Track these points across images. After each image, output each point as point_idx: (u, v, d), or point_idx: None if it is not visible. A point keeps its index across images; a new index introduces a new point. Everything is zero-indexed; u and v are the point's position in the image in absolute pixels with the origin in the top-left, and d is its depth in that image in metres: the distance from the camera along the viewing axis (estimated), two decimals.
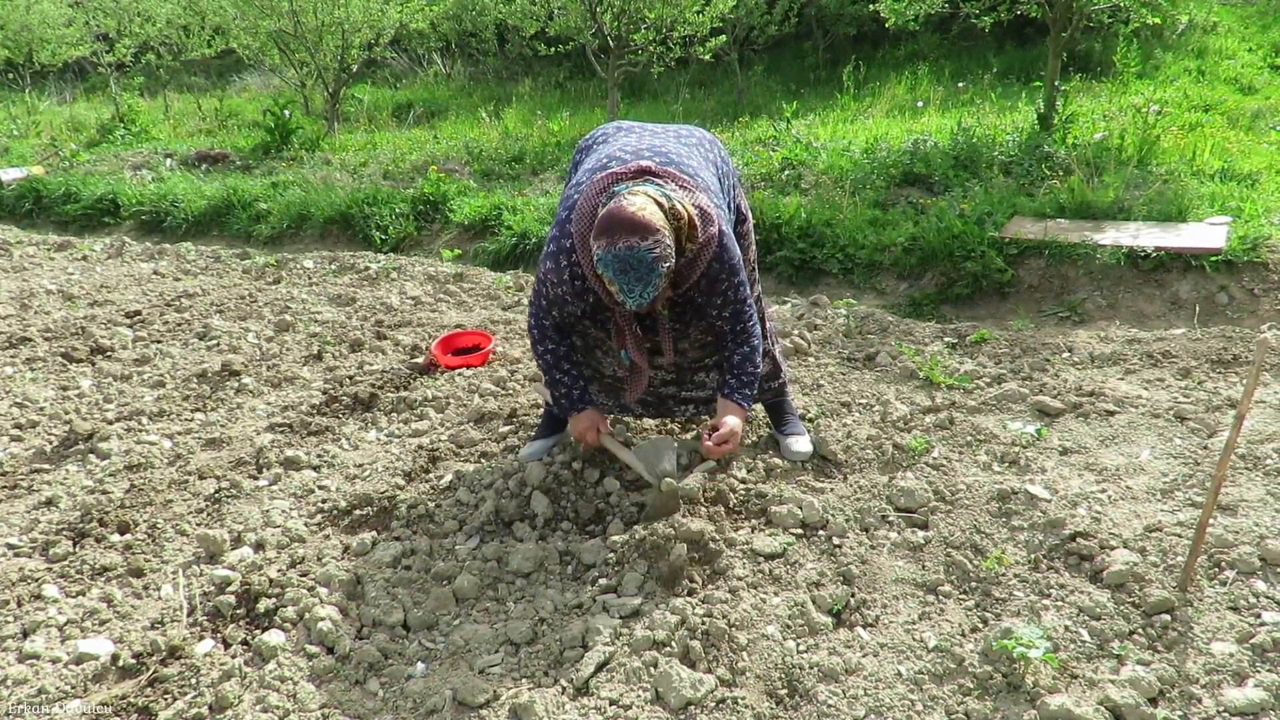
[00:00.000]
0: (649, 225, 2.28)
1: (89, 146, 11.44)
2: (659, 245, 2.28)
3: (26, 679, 2.32)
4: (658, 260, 2.28)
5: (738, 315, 2.70)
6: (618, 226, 2.27)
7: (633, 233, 2.27)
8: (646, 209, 2.31)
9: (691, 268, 2.51)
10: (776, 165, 7.14)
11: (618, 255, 2.27)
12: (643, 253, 2.26)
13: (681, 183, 2.51)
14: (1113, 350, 3.80)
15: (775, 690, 2.15)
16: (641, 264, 2.27)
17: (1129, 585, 2.35)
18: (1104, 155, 5.97)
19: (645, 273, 2.29)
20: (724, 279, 2.59)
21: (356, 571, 2.63)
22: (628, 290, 2.32)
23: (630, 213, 2.28)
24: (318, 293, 5.50)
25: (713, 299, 2.63)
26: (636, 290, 2.32)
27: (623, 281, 2.30)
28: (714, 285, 2.60)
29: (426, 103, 12.77)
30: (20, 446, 3.61)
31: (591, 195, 2.47)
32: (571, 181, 2.78)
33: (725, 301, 2.64)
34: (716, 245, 2.51)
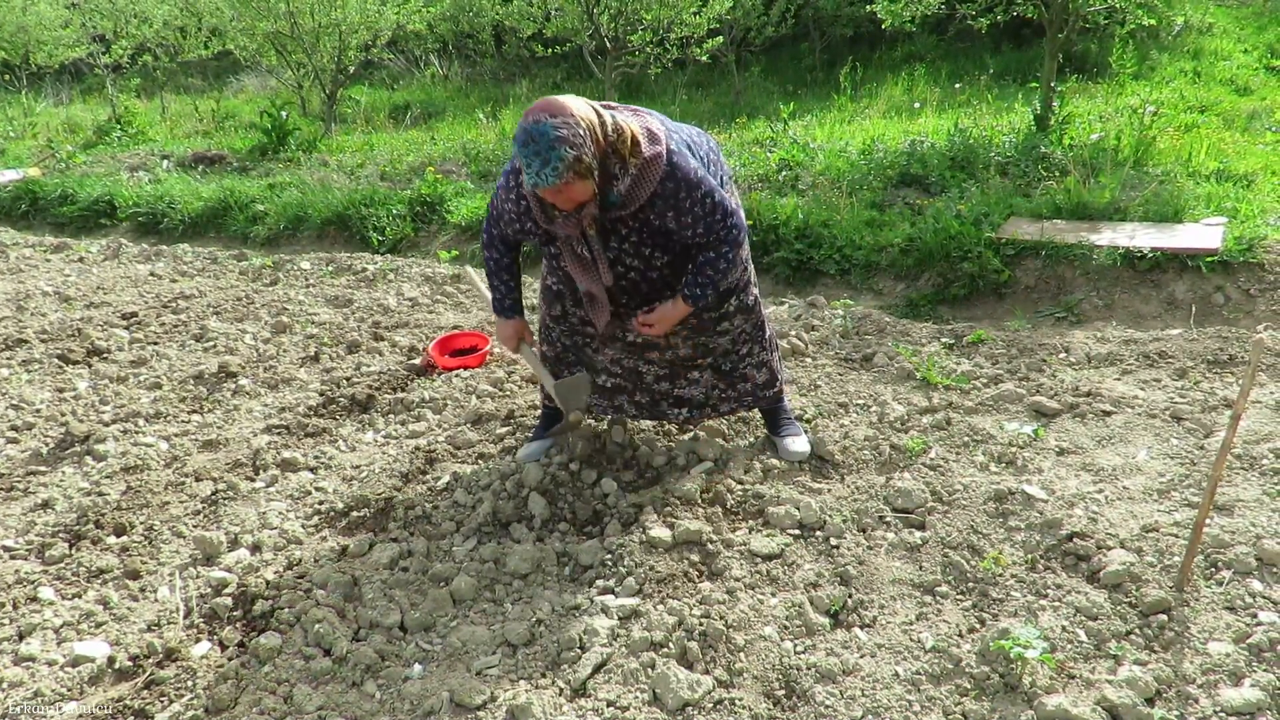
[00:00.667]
0: (563, 107, 2.31)
1: (85, 148, 11.42)
2: (567, 127, 2.28)
3: (23, 681, 2.32)
4: (561, 141, 2.26)
5: (711, 228, 2.62)
6: (534, 109, 2.32)
7: (544, 110, 2.30)
8: (573, 103, 2.34)
9: (639, 186, 2.48)
10: (774, 166, 7.14)
11: (524, 129, 2.28)
12: (546, 127, 2.26)
13: (634, 110, 2.55)
14: (1109, 351, 3.81)
15: (773, 691, 2.15)
16: (544, 138, 2.26)
17: (1126, 585, 2.35)
18: (1100, 156, 5.98)
19: (546, 149, 2.26)
20: (684, 195, 2.53)
21: (353, 573, 2.63)
22: (528, 166, 2.30)
23: (552, 98, 2.33)
24: (315, 294, 5.50)
25: (681, 219, 2.57)
26: (535, 165, 2.28)
27: (524, 156, 2.29)
28: (677, 205, 2.54)
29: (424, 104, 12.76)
30: (16, 449, 3.60)
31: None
32: None
33: (695, 218, 2.58)
34: (665, 164, 2.48)
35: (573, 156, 2.30)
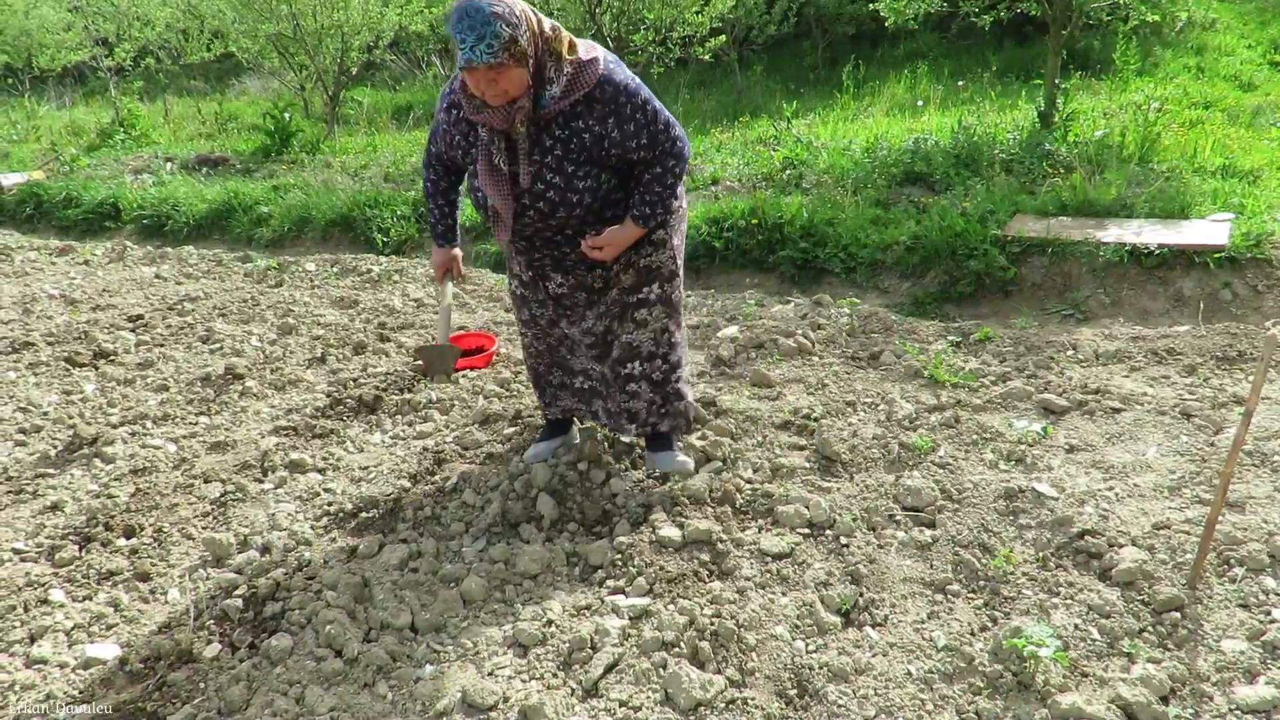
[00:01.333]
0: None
1: (89, 151, 11.43)
2: (504, 6, 2.27)
3: (34, 684, 2.32)
4: (497, 17, 2.25)
5: (655, 139, 2.57)
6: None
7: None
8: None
9: (573, 86, 2.44)
10: (777, 165, 7.13)
11: (459, 6, 2.26)
12: (483, 3, 2.25)
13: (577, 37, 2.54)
14: (1117, 348, 3.80)
15: (785, 690, 2.15)
16: (479, 13, 2.24)
17: (1138, 583, 2.35)
18: (1105, 153, 5.97)
19: (480, 24, 2.24)
20: (624, 100, 2.49)
21: (363, 574, 2.63)
22: (461, 42, 2.26)
23: None
24: (320, 295, 5.50)
25: (623, 126, 2.51)
26: (469, 40, 2.25)
27: (458, 31, 2.26)
28: (618, 111, 2.49)
29: (426, 105, 12.75)
30: (25, 451, 3.61)
31: None
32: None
33: (638, 126, 2.53)
34: (602, 68, 2.46)
35: (508, 35, 2.27)
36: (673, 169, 2.63)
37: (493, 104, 2.42)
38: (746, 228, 5.49)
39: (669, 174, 2.63)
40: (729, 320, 4.55)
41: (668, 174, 2.63)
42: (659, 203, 2.66)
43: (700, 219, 5.77)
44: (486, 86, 2.35)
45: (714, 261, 5.56)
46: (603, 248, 2.67)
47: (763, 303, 4.83)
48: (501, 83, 2.33)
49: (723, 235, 5.54)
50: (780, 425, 3.37)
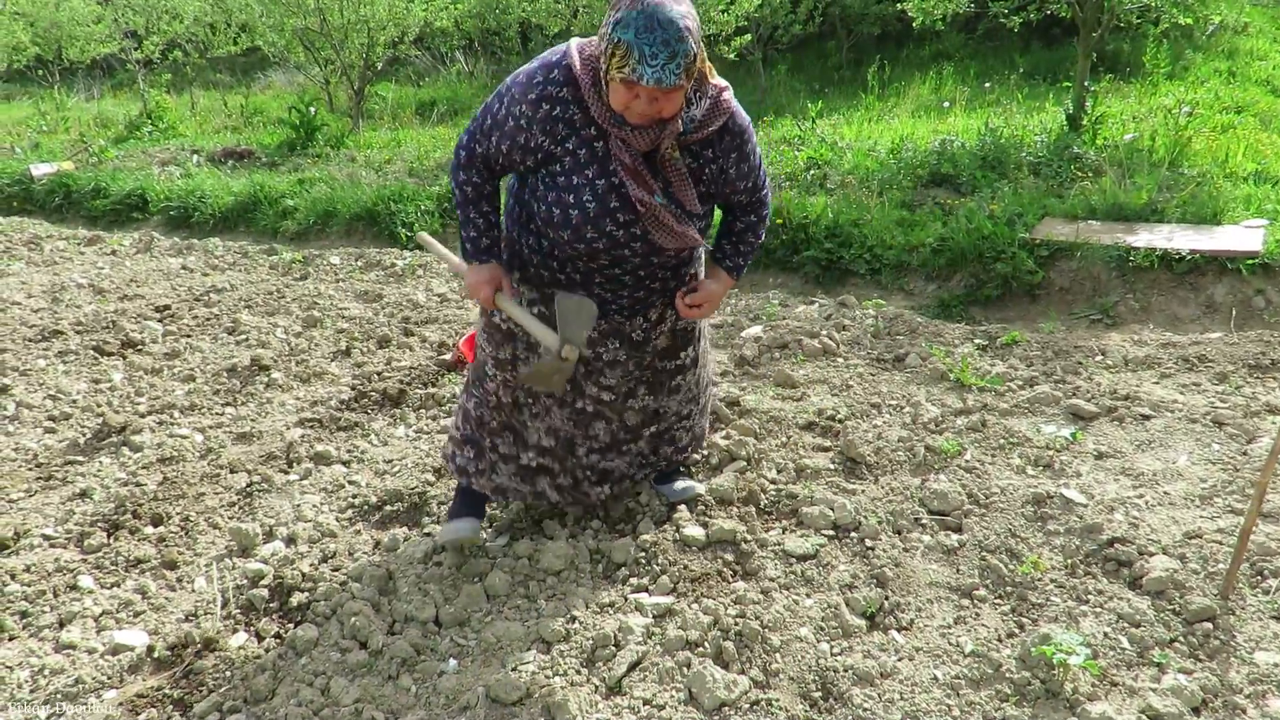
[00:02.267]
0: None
1: (117, 142, 11.54)
2: (690, 15, 1.99)
3: (64, 669, 2.34)
4: (688, 29, 1.96)
5: (755, 186, 2.42)
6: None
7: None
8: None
9: (712, 116, 2.21)
10: (801, 165, 7.10)
11: (645, 11, 1.93)
12: (673, 12, 1.94)
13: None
14: (1147, 354, 3.76)
15: (809, 693, 2.13)
16: (672, 25, 1.93)
17: (1169, 592, 2.32)
18: (1135, 157, 5.91)
19: (673, 36, 1.93)
20: (748, 140, 2.31)
21: (388, 567, 2.64)
22: (650, 55, 1.93)
23: None
24: (345, 289, 5.53)
25: (741, 165, 2.32)
26: (661, 58, 1.93)
27: (644, 42, 1.93)
28: (741, 148, 2.30)
29: (450, 101, 12.80)
30: (54, 438, 3.65)
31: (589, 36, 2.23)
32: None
33: (751, 169, 2.36)
34: (733, 102, 2.26)
35: (694, 54, 1.99)
36: (765, 219, 2.53)
37: (639, 122, 2.10)
38: (770, 227, 5.47)
39: (761, 224, 2.52)
40: (752, 320, 4.53)
41: (761, 224, 2.52)
42: (751, 253, 2.54)
43: None
44: (648, 105, 2.04)
45: None
46: (701, 305, 2.45)
47: (786, 303, 4.81)
48: (665, 102, 2.05)
49: None
50: (804, 426, 3.36)
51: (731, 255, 2.52)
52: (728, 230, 2.52)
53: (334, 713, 2.11)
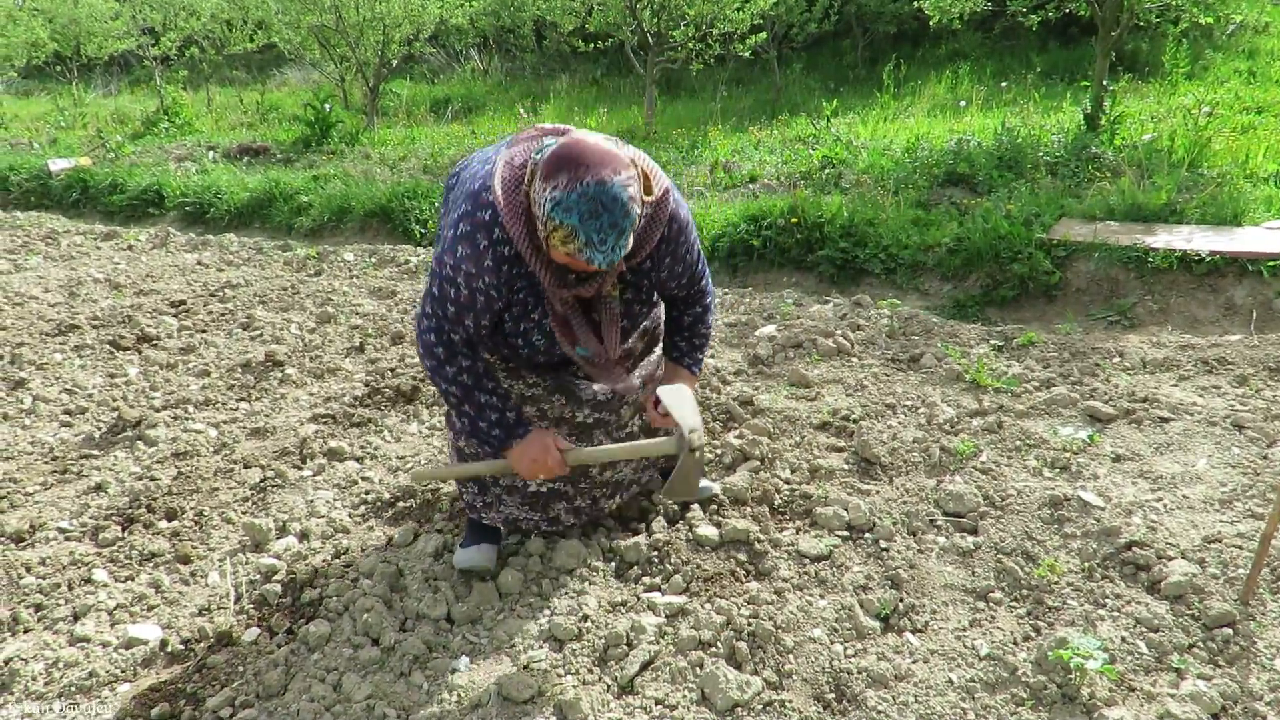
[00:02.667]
0: (619, 159, 1.86)
1: (134, 138, 11.62)
2: (632, 182, 1.86)
3: (78, 662, 2.35)
4: (632, 201, 1.85)
5: (694, 280, 2.37)
6: (582, 159, 1.82)
7: (602, 165, 1.82)
8: (610, 143, 1.91)
9: (650, 230, 2.11)
10: (816, 164, 7.08)
11: (585, 193, 1.80)
12: (617, 188, 1.81)
13: (613, 139, 2.06)
14: (1165, 356, 3.72)
15: (823, 694, 2.12)
16: (617, 204, 1.82)
17: (1188, 597, 2.29)
18: (1154, 157, 5.85)
19: (620, 216, 1.83)
20: (683, 239, 2.23)
21: (399, 564, 2.64)
22: (599, 240, 1.83)
23: (593, 143, 1.86)
24: (359, 285, 5.54)
25: (674, 268, 2.26)
26: (610, 239, 1.84)
27: (593, 229, 1.82)
28: (675, 251, 2.22)
29: (464, 98, 12.83)
30: (70, 432, 3.66)
31: (511, 156, 2.05)
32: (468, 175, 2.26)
33: (686, 266, 2.29)
34: (672, 200, 2.15)
35: (637, 216, 1.90)
36: (710, 306, 2.48)
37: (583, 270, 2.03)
38: (785, 226, 5.45)
39: (708, 312, 2.47)
40: (766, 319, 4.51)
41: (707, 312, 2.47)
42: (706, 344, 2.52)
43: (738, 217, 5.74)
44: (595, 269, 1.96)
45: (751, 260, 5.52)
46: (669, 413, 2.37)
47: (801, 302, 4.78)
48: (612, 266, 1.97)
49: (761, 233, 5.50)
50: (819, 426, 3.34)
51: (689, 352, 2.48)
52: (678, 326, 2.48)
53: (345, 709, 2.11)
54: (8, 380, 4.16)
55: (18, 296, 5.38)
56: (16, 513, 3.07)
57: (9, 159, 10.11)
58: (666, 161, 7.90)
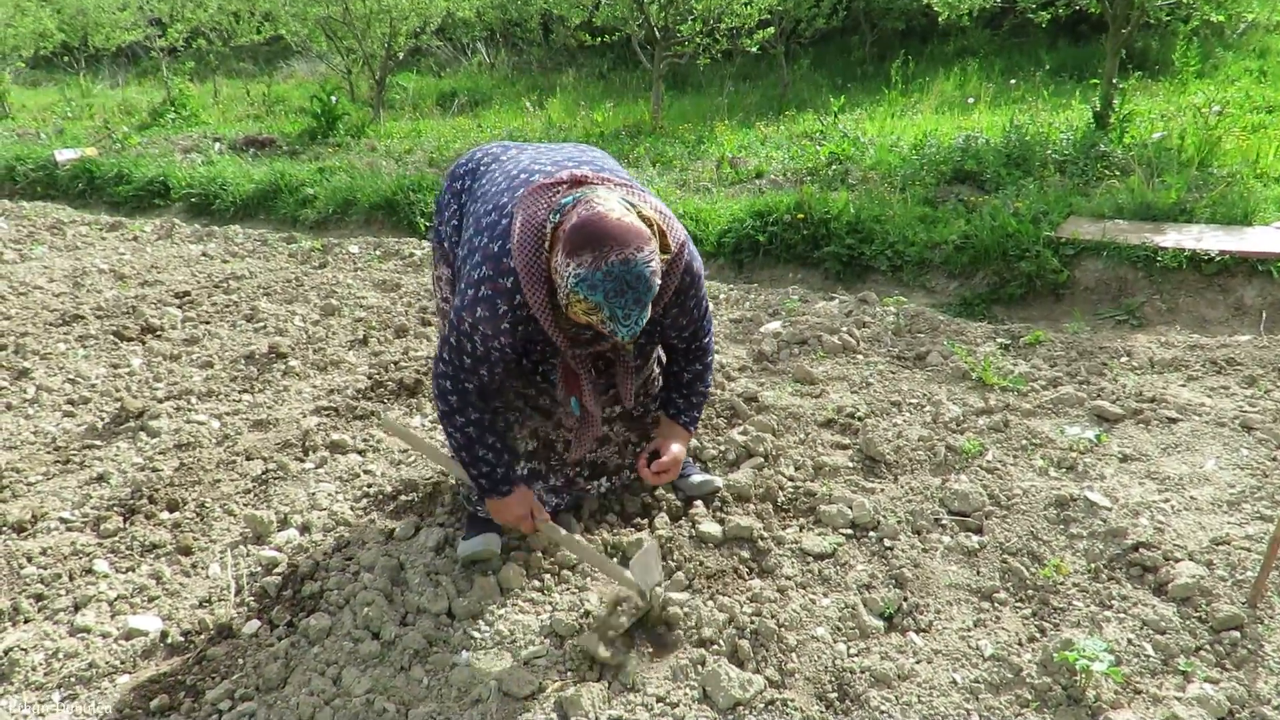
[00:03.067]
0: (642, 234, 1.90)
1: (140, 129, 11.61)
2: (653, 257, 1.91)
3: (78, 652, 2.34)
4: (654, 275, 1.91)
5: (697, 333, 2.42)
6: (605, 237, 1.86)
7: (626, 244, 1.86)
8: (630, 215, 1.93)
9: (666, 283, 2.13)
10: (823, 160, 7.05)
11: (612, 273, 1.85)
12: (641, 266, 1.87)
13: (629, 189, 2.12)
14: (1174, 356, 3.69)
15: (825, 694, 2.10)
16: (641, 281, 1.88)
17: (1195, 599, 2.27)
18: (1163, 156, 5.81)
19: (644, 292, 1.89)
20: (692, 294, 2.29)
21: (400, 557, 2.63)
22: (624, 316, 1.90)
23: (616, 219, 1.88)
24: (363, 278, 5.53)
25: (680, 320, 2.32)
26: (634, 315, 1.91)
27: (618, 305, 1.88)
28: (683, 303, 2.28)
29: (470, 92, 12.79)
30: (73, 422, 3.66)
31: (532, 213, 2.04)
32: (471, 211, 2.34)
33: (690, 320, 2.35)
34: (686, 254, 2.19)
35: (658, 285, 1.96)
36: (710, 366, 2.53)
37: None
38: (791, 222, 5.42)
39: (708, 371, 2.51)
40: (771, 315, 4.49)
41: (706, 371, 2.51)
42: (703, 403, 2.56)
43: (744, 212, 5.71)
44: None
45: (757, 255, 5.50)
46: (668, 469, 2.46)
47: (806, 299, 4.76)
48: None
49: (767, 229, 5.48)
50: (823, 423, 3.32)
51: (685, 410, 2.53)
52: (676, 382, 2.52)
53: (345, 703, 2.10)
54: (11, 370, 4.15)
55: (23, 286, 5.38)
56: (18, 502, 3.07)
57: (16, 149, 10.11)
58: (673, 157, 7.88)
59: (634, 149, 8.23)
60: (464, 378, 2.22)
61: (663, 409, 2.58)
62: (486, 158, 2.53)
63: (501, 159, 2.46)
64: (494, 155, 2.52)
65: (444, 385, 2.25)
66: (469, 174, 2.53)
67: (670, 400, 2.55)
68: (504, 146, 2.56)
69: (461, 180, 2.54)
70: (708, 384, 2.55)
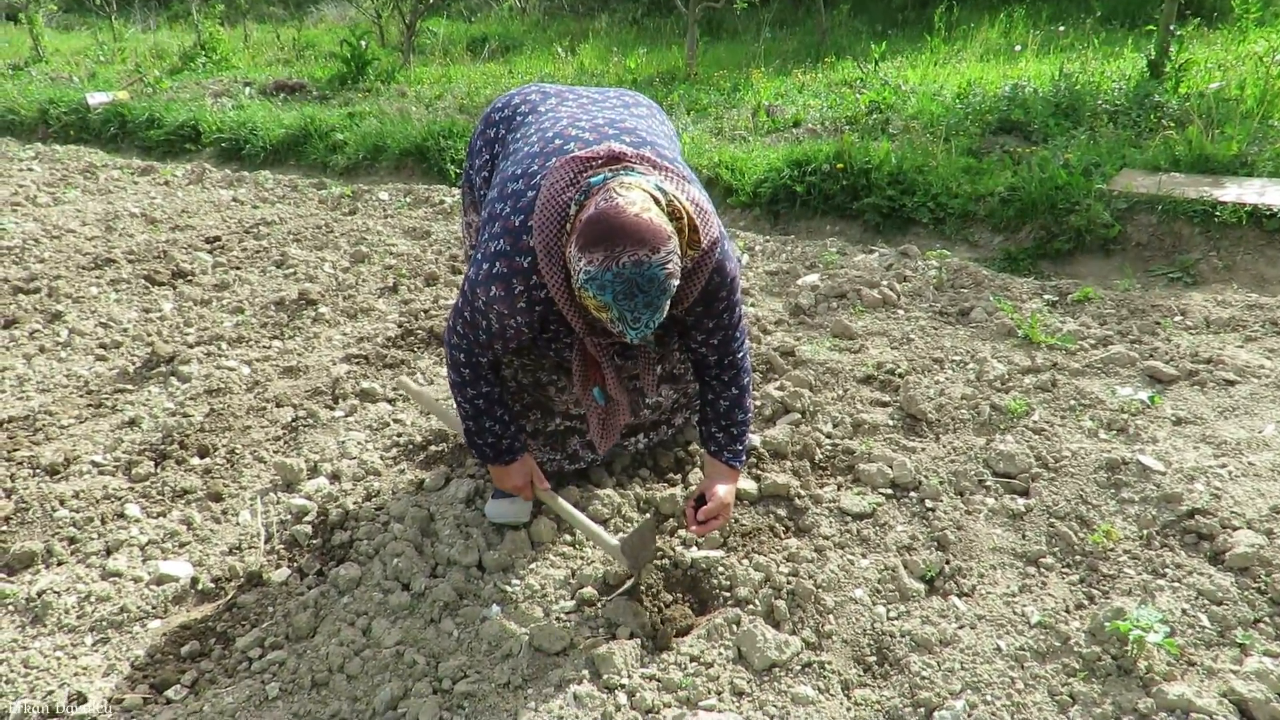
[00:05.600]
0: (660, 233, 1.75)
1: (171, 74, 11.55)
2: (670, 258, 1.76)
3: (109, 596, 2.34)
4: (670, 278, 1.77)
5: (727, 343, 2.23)
6: (620, 235, 1.72)
7: (640, 243, 1.72)
8: (650, 209, 1.77)
9: (691, 283, 1.98)
10: (863, 108, 6.83)
11: (622, 274, 1.72)
12: (655, 269, 1.73)
13: (668, 173, 1.96)
14: (1231, 315, 3.54)
15: (864, 657, 2.05)
16: (654, 284, 1.74)
17: (1254, 569, 2.17)
18: (1222, 107, 5.55)
19: (657, 295, 1.76)
20: (722, 296, 2.12)
21: (430, 508, 2.59)
22: (632, 319, 1.78)
23: (633, 215, 1.73)
24: (393, 225, 5.46)
25: (704, 320, 2.16)
26: (645, 318, 1.78)
27: (626, 308, 1.76)
28: (711, 306, 2.13)
29: (501, 37, 12.57)
30: (105, 366, 3.65)
31: (556, 190, 1.90)
32: (501, 169, 2.18)
33: (718, 325, 2.18)
34: (719, 253, 2.02)
35: (675, 287, 1.82)
36: (747, 387, 2.32)
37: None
38: (830, 172, 5.26)
39: (745, 395, 2.31)
40: (809, 268, 4.37)
41: (744, 395, 2.31)
42: (745, 433, 2.34)
43: (781, 161, 5.55)
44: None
45: (794, 206, 5.35)
46: (717, 517, 2.25)
47: (845, 251, 4.63)
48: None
49: (805, 179, 5.32)
50: (862, 379, 3.22)
51: (727, 444, 2.32)
52: (714, 412, 2.32)
53: (375, 654, 2.08)
54: (45, 313, 4.15)
55: (56, 230, 5.38)
56: (51, 445, 3.07)
57: (49, 92, 10.10)
58: (708, 105, 7.68)
59: (668, 96, 8.03)
60: (478, 353, 2.16)
61: (703, 445, 2.38)
62: (525, 105, 2.38)
63: (540, 109, 2.31)
64: (532, 104, 2.36)
65: (457, 357, 2.19)
66: (504, 121, 2.40)
67: (709, 435, 2.34)
68: (544, 93, 2.41)
69: (496, 128, 2.41)
70: (747, 410, 2.34)
